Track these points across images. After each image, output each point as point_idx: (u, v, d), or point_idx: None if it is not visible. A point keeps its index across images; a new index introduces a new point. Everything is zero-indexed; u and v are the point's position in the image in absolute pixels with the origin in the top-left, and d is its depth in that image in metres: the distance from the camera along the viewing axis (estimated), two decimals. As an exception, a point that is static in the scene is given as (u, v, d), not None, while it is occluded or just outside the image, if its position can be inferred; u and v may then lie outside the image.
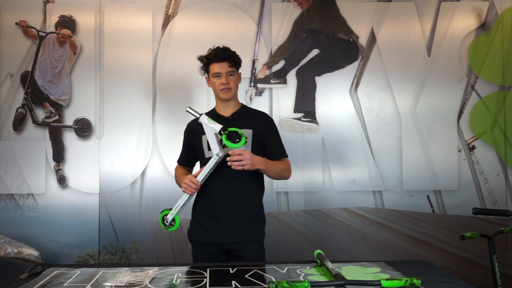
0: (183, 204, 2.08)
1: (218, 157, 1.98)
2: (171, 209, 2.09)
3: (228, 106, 2.19)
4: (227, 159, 1.96)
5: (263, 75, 3.10)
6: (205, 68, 2.18)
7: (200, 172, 2.03)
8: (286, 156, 2.23)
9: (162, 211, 2.11)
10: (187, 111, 2.03)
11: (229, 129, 1.94)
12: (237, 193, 2.11)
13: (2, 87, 3.07)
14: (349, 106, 3.12)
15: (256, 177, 2.15)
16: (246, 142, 1.95)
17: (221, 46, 2.15)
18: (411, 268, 1.75)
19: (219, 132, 1.95)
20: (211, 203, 2.12)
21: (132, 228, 3.04)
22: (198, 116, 2.00)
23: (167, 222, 2.08)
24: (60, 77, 3.08)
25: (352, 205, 3.11)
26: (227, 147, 1.96)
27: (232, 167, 1.97)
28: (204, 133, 2.09)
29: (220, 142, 1.99)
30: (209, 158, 2.08)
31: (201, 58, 2.18)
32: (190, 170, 2.31)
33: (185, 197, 2.06)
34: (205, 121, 1.98)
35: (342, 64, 3.13)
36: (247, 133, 2.11)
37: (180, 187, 2.19)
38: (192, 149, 2.22)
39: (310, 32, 3.13)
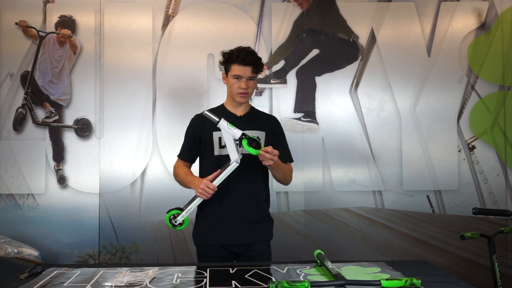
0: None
1: (237, 164, 1.95)
2: (177, 208, 2.03)
3: (239, 106, 2.17)
4: (262, 152, 1.92)
5: (263, 75, 3.10)
6: (225, 65, 2.13)
7: (217, 177, 1.98)
8: (292, 161, 2.24)
9: (168, 211, 2.05)
10: (204, 115, 1.97)
11: (249, 136, 1.93)
12: (245, 195, 2.10)
13: (2, 87, 3.07)
14: (349, 106, 3.12)
15: (263, 178, 2.16)
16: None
17: (248, 48, 2.10)
18: (411, 268, 1.76)
19: (240, 138, 1.92)
20: (220, 205, 2.09)
21: (132, 228, 3.04)
22: (217, 120, 1.93)
23: (175, 222, 2.03)
24: (60, 77, 3.08)
25: (352, 205, 3.11)
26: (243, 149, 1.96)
27: (263, 161, 1.95)
28: (215, 130, 2.06)
29: (237, 146, 1.96)
30: (220, 156, 2.08)
31: (224, 55, 2.12)
32: (190, 166, 2.24)
33: (198, 200, 2.02)
34: (225, 126, 1.93)
35: (342, 64, 3.13)
36: (260, 134, 2.11)
37: (181, 184, 2.17)
38: (198, 144, 2.16)
39: (310, 32, 3.13)
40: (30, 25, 3.08)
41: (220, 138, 2.10)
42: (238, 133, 1.92)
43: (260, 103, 3.07)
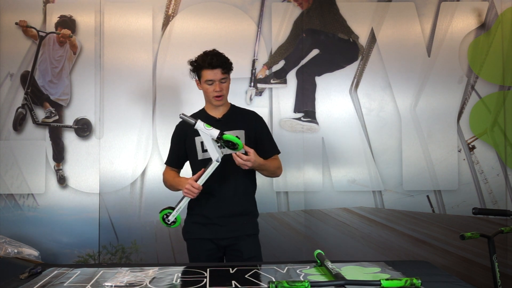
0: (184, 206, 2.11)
1: (218, 163, 1.98)
2: (169, 207, 2.10)
3: (218, 107, 2.20)
4: (234, 154, 1.97)
5: (263, 75, 3.10)
6: (196, 72, 2.17)
7: (201, 177, 2.02)
8: (278, 152, 2.26)
9: (161, 211, 2.12)
10: (180, 117, 1.98)
11: (224, 137, 1.92)
12: (229, 192, 2.14)
13: (2, 87, 3.07)
14: (349, 106, 3.12)
15: (249, 175, 2.19)
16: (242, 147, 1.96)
17: (213, 51, 2.13)
18: (411, 268, 1.76)
19: (217, 138, 1.93)
20: (206, 203, 2.14)
21: (132, 228, 3.04)
22: (193, 122, 1.95)
23: (168, 221, 2.10)
24: (60, 77, 3.08)
25: (352, 205, 3.11)
26: (223, 147, 1.99)
27: (236, 162, 1.98)
28: (197, 135, 2.09)
29: (218, 146, 1.99)
30: (203, 160, 2.11)
31: (192, 63, 2.16)
32: (179, 171, 2.30)
33: (186, 200, 2.08)
34: (201, 127, 1.95)
35: (342, 64, 3.13)
36: (240, 133, 2.14)
37: (170, 188, 2.24)
38: (184, 150, 2.22)
39: (310, 32, 3.13)
40: (30, 25, 3.08)
41: (202, 143, 2.13)
42: (215, 132, 1.93)
43: (260, 103, 3.07)
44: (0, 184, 3.04)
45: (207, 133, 1.94)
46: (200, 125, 1.95)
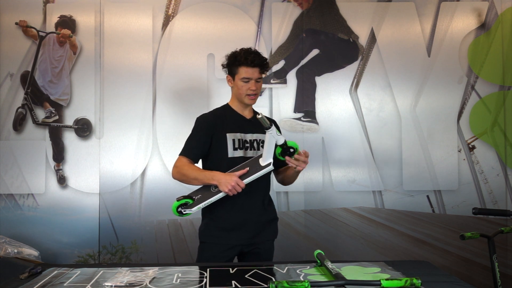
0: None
1: (273, 168, 1.98)
2: (186, 197, 1.98)
3: (246, 107, 2.16)
4: (296, 156, 1.99)
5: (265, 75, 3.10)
6: (231, 68, 2.10)
7: (248, 176, 1.96)
8: None
9: (178, 200, 1.98)
10: (258, 118, 1.89)
11: (288, 143, 1.95)
12: (258, 199, 2.12)
13: (2, 87, 3.07)
14: (349, 106, 3.12)
15: (269, 184, 2.20)
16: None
17: (253, 50, 2.09)
18: (411, 268, 1.76)
19: (281, 145, 1.94)
20: (233, 208, 2.07)
21: (132, 228, 3.04)
22: (268, 125, 1.90)
23: (184, 211, 1.98)
24: (60, 77, 3.08)
25: (352, 205, 3.11)
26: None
27: (297, 165, 2.00)
28: (229, 131, 2.07)
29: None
30: (233, 158, 2.06)
31: (230, 57, 2.10)
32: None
33: (221, 195, 1.98)
34: (274, 132, 1.92)
35: (342, 64, 3.13)
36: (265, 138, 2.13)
37: (191, 181, 2.05)
38: (209, 144, 2.10)
39: (310, 32, 3.13)
40: (30, 25, 3.07)
41: (234, 140, 2.08)
42: (282, 139, 1.94)
43: (260, 103, 3.04)
44: (0, 184, 3.04)
45: (275, 138, 1.93)
46: (273, 130, 1.91)
